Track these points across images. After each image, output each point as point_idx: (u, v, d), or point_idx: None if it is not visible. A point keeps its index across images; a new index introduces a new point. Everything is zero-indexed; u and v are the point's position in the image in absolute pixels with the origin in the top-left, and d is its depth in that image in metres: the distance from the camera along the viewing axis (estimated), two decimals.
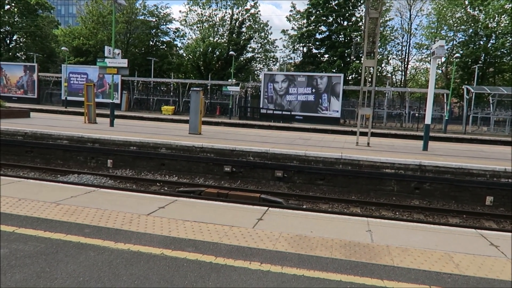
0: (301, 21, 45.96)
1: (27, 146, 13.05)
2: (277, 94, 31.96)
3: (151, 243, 3.91)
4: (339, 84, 30.50)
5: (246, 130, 20.55)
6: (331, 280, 3.30)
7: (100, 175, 11.20)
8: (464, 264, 3.79)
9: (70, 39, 45.53)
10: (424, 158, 11.08)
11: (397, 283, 3.29)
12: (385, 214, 9.01)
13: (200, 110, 15.33)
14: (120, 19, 43.83)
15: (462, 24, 40.32)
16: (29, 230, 4.09)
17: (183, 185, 10.68)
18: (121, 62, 16.29)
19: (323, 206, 9.43)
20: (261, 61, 53.55)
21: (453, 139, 23.21)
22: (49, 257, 3.46)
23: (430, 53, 13.93)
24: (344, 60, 41.96)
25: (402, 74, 49.84)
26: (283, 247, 4.01)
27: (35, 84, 38.93)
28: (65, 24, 60.64)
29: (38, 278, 3.06)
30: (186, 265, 3.45)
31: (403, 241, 4.41)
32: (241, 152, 11.49)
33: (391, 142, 17.42)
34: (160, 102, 38.78)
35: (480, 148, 16.70)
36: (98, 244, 3.83)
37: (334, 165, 10.87)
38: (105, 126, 16.76)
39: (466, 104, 31.54)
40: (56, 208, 4.95)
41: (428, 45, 42.27)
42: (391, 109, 34.93)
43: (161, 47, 52.06)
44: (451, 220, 8.73)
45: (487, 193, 9.89)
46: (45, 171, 11.71)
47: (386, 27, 43.95)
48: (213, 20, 48.22)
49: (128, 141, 12.34)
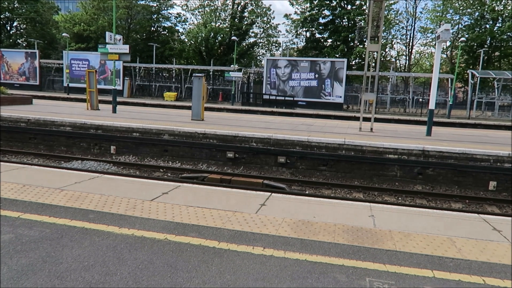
0: (304, 5, 45.26)
1: (31, 133, 13.09)
2: (280, 80, 31.74)
3: (155, 229, 3.95)
4: (342, 69, 30.23)
5: (248, 116, 20.49)
6: (333, 264, 3.32)
7: (104, 161, 11.25)
8: (466, 248, 3.80)
9: (71, 25, 45.14)
10: (427, 143, 11.04)
11: (399, 268, 3.31)
12: (388, 199, 9.02)
13: (203, 96, 15.27)
14: (120, 4, 43.30)
15: (468, 7, 39.59)
16: (34, 216, 4.13)
17: (186, 171, 10.71)
18: (123, 48, 16.17)
19: (326, 191, 9.45)
20: (263, 46, 53.06)
21: (457, 124, 23.08)
22: (54, 242, 3.50)
23: (435, 37, 13.73)
24: (347, 45, 41.47)
25: (406, 59, 49.27)
26: (286, 232, 4.03)
27: (36, 70, 38.82)
28: (65, 10, 59.96)
29: (43, 263, 3.10)
30: (189, 250, 3.48)
31: (406, 226, 4.42)
32: (243, 138, 11.47)
33: (394, 127, 17.34)
34: (162, 88, 38.63)
35: (484, 133, 16.60)
36: (103, 229, 3.86)
37: (337, 150, 10.85)
38: (107, 112, 16.75)
39: (470, 89, 31.24)
40: (60, 194, 4.98)
41: (433, 29, 41.61)
42: (394, 94, 34.66)
43: (163, 32, 51.58)
44: (454, 205, 8.74)
45: (490, 178, 9.86)
46: (49, 157, 11.77)
47: (390, 11, 43.21)
48: (215, 5, 47.59)
49: (130, 127, 12.34)
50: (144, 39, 48.72)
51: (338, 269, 3.24)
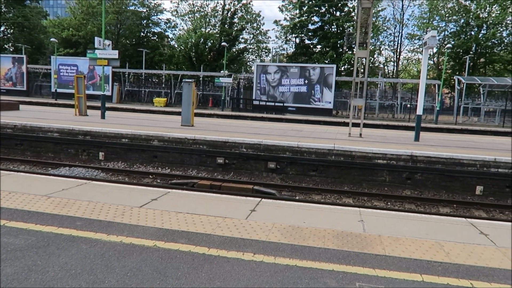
0: (293, 11, 45.68)
1: (17, 139, 12.88)
2: (270, 86, 31.86)
3: (144, 235, 3.90)
4: (331, 75, 30.48)
5: (238, 122, 20.49)
6: (323, 269, 3.33)
7: (92, 168, 11.12)
8: (454, 252, 3.84)
9: (59, 30, 44.74)
10: (415, 148, 11.17)
11: (389, 272, 3.33)
12: (377, 204, 9.09)
13: (193, 101, 15.23)
14: (110, 10, 43.15)
15: (454, 14, 40.37)
16: (19, 223, 4.05)
17: (176, 177, 10.64)
18: (112, 54, 16.06)
19: (316, 197, 9.48)
20: (253, 52, 53.30)
21: (444, 129, 23.40)
22: (40, 250, 3.44)
23: (422, 43, 13.96)
24: (336, 51, 41.87)
25: (394, 65, 49.92)
26: (276, 237, 4.02)
27: (24, 76, 38.30)
28: (53, 15, 59.56)
29: (29, 271, 3.04)
30: (179, 257, 3.45)
31: (395, 230, 4.45)
32: (234, 143, 11.46)
33: (383, 133, 17.52)
34: (152, 94, 38.42)
35: (470, 138, 16.86)
36: (90, 236, 3.81)
37: (326, 156, 10.90)
38: (96, 118, 16.59)
39: (457, 95, 31.75)
40: (47, 201, 4.90)
41: (420, 36, 42.29)
42: (383, 100, 35.06)
43: (152, 38, 51.44)
44: (442, 210, 8.84)
45: (477, 183, 10.01)
46: (36, 164, 11.58)
47: (378, 18, 43.84)
48: (205, 11, 47.77)
49: (119, 133, 12.24)
50: (133, 44, 48.51)
51: (328, 274, 3.24)
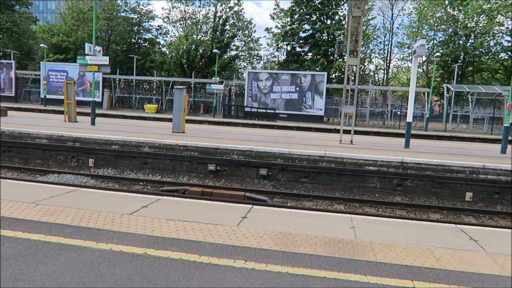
0: (284, 19, 46.04)
1: (5, 146, 12.68)
2: (261, 92, 31.95)
3: (133, 243, 3.85)
4: (322, 83, 30.70)
5: (230, 129, 20.47)
6: (315, 276, 3.32)
7: (81, 175, 10.98)
8: (445, 258, 3.86)
9: (49, 36, 44.39)
10: (406, 155, 11.26)
11: (380, 279, 3.33)
12: (368, 211, 9.12)
13: (184, 108, 15.19)
14: (101, 16, 43.04)
15: (442, 24, 41.06)
16: (6, 231, 3.97)
17: (167, 184, 10.57)
18: (102, 60, 15.98)
19: (307, 203, 9.48)
20: (245, 59, 53.50)
21: (434, 136, 23.67)
22: (27, 259, 3.37)
23: (412, 52, 14.15)
24: (327, 59, 42.23)
25: (385, 73, 50.51)
26: (267, 244, 4.00)
27: (12, 82, 37.83)
28: (43, 20, 59.11)
29: (16, 280, 2.98)
30: (169, 265, 3.41)
31: (386, 237, 4.46)
32: (225, 150, 11.44)
33: (373, 139, 17.65)
34: (143, 100, 38.27)
35: (459, 145, 17.08)
36: (79, 244, 3.75)
37: (318, 162, 10.93)
38: (86, 124, 16.43)
39: (446, 102, 32.21)
40: (35, 208, 4.82)
41: (409, 44, 42.93)
42: (373, 107, 35.42)
43: (144, 44, 51.38)
44: (432, 216, 8.90)
45: (466, 189, 10.11)
46: (24, 171, 11.41)
47: (368, 26, 44.38)
48: (197, 18, 47.87)
49: (110, 139, 12.13)
50: (124, 50, 48.37)
51: (320, 281, 3.23)
